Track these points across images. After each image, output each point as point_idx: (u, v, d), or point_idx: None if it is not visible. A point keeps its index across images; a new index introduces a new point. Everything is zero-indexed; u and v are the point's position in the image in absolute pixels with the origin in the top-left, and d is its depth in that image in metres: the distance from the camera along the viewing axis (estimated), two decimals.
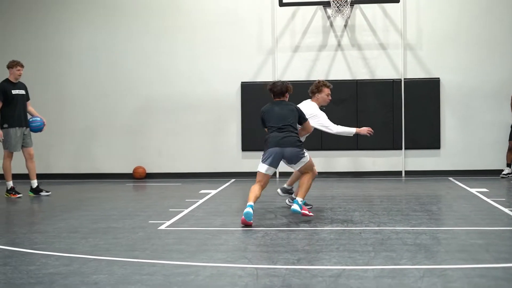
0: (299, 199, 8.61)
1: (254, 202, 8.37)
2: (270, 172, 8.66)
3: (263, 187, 8.65)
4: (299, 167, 8.76)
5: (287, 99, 9.06)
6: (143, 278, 5.73)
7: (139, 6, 14.98)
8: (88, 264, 6.27)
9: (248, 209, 8.20)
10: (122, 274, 5.87)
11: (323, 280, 5.51)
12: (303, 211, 8.51)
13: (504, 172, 13.86)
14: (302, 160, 8.68)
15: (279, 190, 9.98)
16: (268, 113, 8.90)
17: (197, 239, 7.47)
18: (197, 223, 8.61)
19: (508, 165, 13.91)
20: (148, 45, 14.92)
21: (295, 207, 8.52)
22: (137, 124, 14.96)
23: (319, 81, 9.70)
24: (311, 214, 8.67)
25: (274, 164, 8.61)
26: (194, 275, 5.77)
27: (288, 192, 9.87)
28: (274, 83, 9.04)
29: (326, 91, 9.60)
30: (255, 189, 8.50)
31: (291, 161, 8.71)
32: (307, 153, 8.82)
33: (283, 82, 9.06)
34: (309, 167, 8.81)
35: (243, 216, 8.17)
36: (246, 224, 8.15)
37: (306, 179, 8.75)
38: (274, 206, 10.07)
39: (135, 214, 9.38)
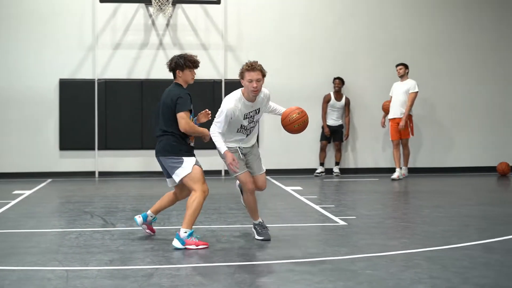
0: (182, 230, 6.65)
1: (155, 212, 7.27)
2: (172, 184, 7.14)
3: (176, 195, 7.25)
4: (178, 181, 6.87)
5: (181, 80, 7.00)
6: None
7: None
8: None
9: (137, 217, 7.30)
10: None
11: (135, 280, 5.47)
12: (187, 247, 6.60)
13: (317, 171, 14.49)
14: (177, 172, 6.82)
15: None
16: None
17: (7, 242, 7.16)
18: (8, 225, 8.24)
19: (321, 164, 14.58)
20: None
21: (175, 243, 6.64)
22: None
23: (246, 63, 6.92)
24: (202, 245, 6.67)
25: (167, 174, 7.09)
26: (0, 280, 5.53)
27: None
28: None
29: (248, 76, 6.78)
30: (163, 196, 7.38)
31: (169, 174, 6.97)
32: (187, 163, 6.81)
33: (183, 55, 7.00)
34: (191, 184, 6.79)
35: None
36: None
37: (190, 200, 6.72)
38: (91, 206, 9.87)
39: None
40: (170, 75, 15.38)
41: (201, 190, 6.74)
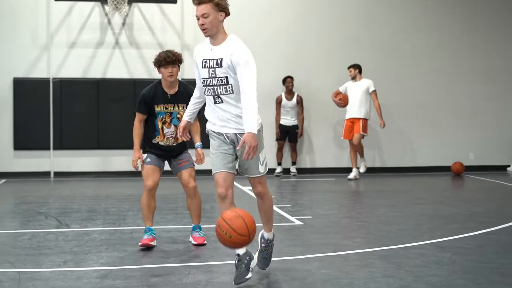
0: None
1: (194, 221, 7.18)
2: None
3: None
4: None
5: (162, 78, 6.89)
6: None
7: None
8: None
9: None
10: None
11: (89, 281, 5.42)
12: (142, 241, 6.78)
13: (277, 171, 14.50)
14: None
15: None
16: None
17: None
18: None
19: (279, 164, 14.60)
20: None
21: None
22: None
23: None
24: (142, 242, 6.72)
25: None
26: None
27: None
28: None
29: (195, 12, 5.35)
30: None
31: None
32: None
33: (159, 53, 6.90)
34: None
35: None
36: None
37: None
38: (45, 207, 9.74)
39: None
40: (126, 74, 15.24)
41: (144, 187, 6.87)
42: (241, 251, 5.30)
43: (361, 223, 8.47)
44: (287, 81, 14.55)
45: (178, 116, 6.90)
